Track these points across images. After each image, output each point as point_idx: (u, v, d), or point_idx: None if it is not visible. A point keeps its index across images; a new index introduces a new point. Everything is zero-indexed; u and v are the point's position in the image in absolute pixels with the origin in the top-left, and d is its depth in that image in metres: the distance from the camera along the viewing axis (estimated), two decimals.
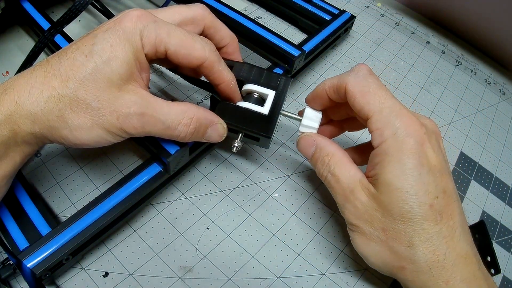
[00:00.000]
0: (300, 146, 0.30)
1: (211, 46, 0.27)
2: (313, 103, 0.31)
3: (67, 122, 0.23)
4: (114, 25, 0.24)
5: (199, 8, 0.29)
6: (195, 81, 0.32)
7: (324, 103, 0.30)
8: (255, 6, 0.51)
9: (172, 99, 0.39)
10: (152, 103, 0.25)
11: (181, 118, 0.26)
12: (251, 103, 0.30)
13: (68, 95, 0.23)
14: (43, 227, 0.27)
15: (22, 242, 0.26)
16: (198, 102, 0.40)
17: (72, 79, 0.23)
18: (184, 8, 0.28)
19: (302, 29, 0.49)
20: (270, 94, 0.30)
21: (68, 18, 0.36)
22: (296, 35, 0.48)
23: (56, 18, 0.37)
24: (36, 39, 0.42)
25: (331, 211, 0.34)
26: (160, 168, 0.30)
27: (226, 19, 0.40)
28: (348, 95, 0.27)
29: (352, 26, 0.48)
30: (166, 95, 0.40)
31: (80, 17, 0.42)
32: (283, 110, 0.30)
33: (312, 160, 0.30)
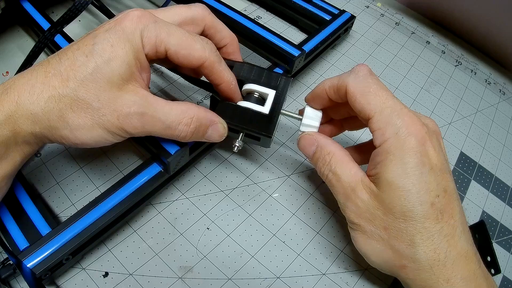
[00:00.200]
0: (301, 145, 0.30)
1: (211, 46, 0.27)
2: (312, 102, 0.31)
3: (68, 122, 0.23)
4: (115, 25, 0.24)
5: (199, 8, 0.29)
6: (195, 81, 0.32)
7: (324, 103, 0.30)
8: (255, 6, 0.51)
9: (172, 99, 0.39)
10: (153, 103, 0.25)
11: (181, 117, 0.26)
12: (252, 103, 0.30)
13: (68, 95, 0.23)
14: (43, 227, 0.27)
15: (22, 242, 0.26)
16: (198, 102, 0.40)
17: (73, 79, 0.23)
18: (184, 8, 0.28)
19: (302, 29, 0.49)
20: (271, 93, 0.30)
21: (68, 18, 0.36)
22: (296, 35, 0.48)
23: (56, 18, 0.37)
24: (36, 39, 0.41)
25: (331, 211, 0.34)
26: (160, 168, 0.30)
27: (226, 19, 0.40)
28: (349, 96, 0.27)
29: (352, 26, 0.48)
30: (166, 95, 0.40)
31: (80, 17, 0.42)
32: (283, 109, 0.30)
33: (313, 159, 0.30)
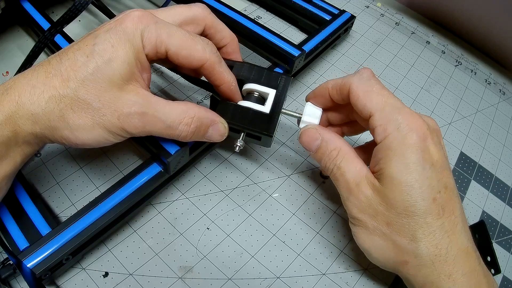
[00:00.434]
0: (303, 140, 0.29)
1: (212, 47, 0.27)
2: (313, 102, 0.31)
3: (68, 122, 0.23)
4: (115, 25, 0.24)
5: (200, 8, 0.29)
6: (195, 80, 0.32)
7: (325, 103, 0.30)
8: (255, 6, 0.51)
9: (172, 99, 0.39)
10: (153, 102, 0.25)
11: (182, 117, 0.26)
12: (252, 102, 0.30)
13: (69, 95, 0.23)
14: (43, 227, 0.27)
15: (22, 242, 0.26)
16: (198, 102, 0.40)
17: (73, 79, 0.23)
18: (185, 8, 0.28)
19: (302, 29, 0.49)
20: (271, 93, 0.30)
21: (68, 18, 0.36)
22: (296, 35, 0.48)
23: (56, 18, 0.37)
24: (36, 39, 0.41)
25: (331, 211, 0.34)
26: (160, 168, 0.30)
27: (226, 19, 0.40)
28: (351, 95, 0.28)
29: (352, 26, 0.48)
30: (166, 95, 0.40)
31: (80, 17, 0.42)
32: (284, 108, 0.30)
33: (317, 154, 0.29)
